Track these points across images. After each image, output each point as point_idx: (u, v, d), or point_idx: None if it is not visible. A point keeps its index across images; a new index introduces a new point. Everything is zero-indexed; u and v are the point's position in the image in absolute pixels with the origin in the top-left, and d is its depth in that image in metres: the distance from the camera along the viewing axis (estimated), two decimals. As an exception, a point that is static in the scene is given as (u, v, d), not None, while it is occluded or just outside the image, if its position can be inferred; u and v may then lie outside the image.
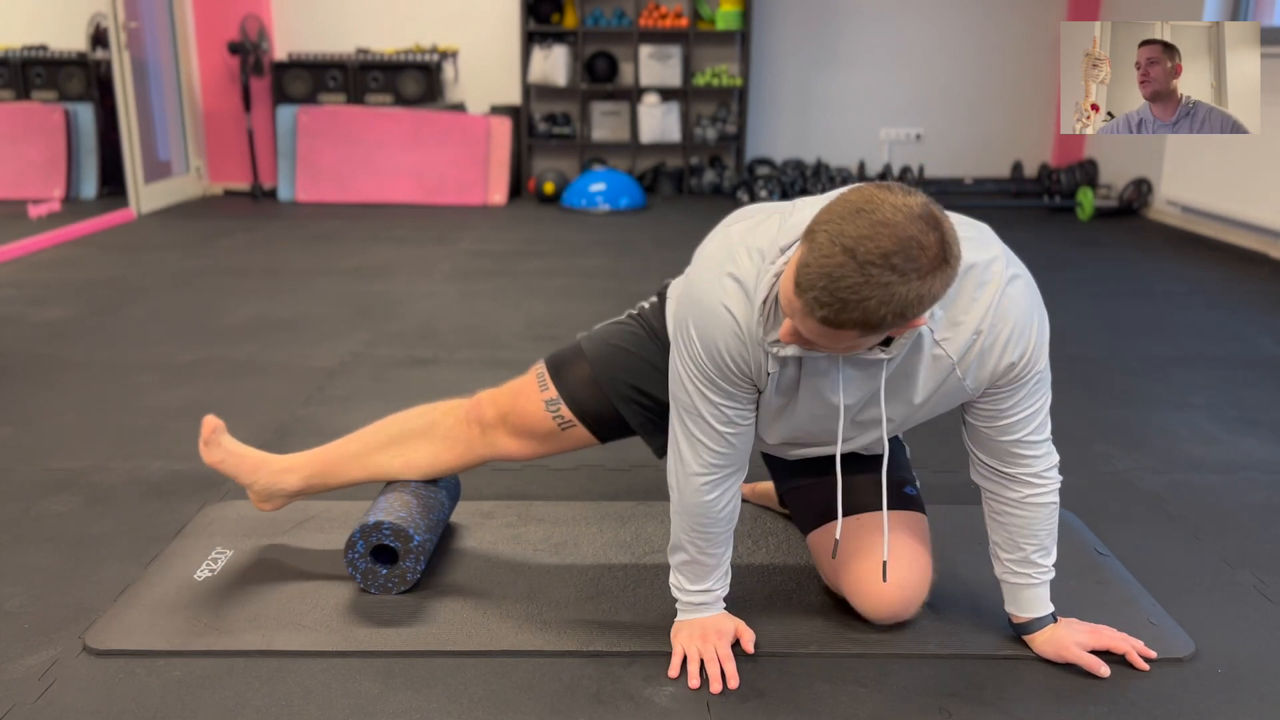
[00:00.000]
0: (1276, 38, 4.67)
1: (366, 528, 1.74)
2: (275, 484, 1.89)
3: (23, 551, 1.94)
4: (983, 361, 1.41)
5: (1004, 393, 1.46)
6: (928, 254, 1.18)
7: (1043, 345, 1.44)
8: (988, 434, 1.51)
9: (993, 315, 1.38)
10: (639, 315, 1.79)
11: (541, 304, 3.89)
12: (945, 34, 6.81)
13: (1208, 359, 3.24)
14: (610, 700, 1.50)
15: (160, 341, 3.36)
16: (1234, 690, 1.53)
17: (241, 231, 5.43)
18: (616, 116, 6.82)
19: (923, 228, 1.18)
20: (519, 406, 1.79)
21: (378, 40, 6.73)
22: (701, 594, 1.61)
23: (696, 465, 1.52)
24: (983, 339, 1.39)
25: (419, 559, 1.77)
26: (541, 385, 1.77)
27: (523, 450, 1.81)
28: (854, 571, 1.65)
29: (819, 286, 1.18)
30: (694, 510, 1.54)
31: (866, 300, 1.18)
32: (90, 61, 5.92)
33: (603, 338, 1.78)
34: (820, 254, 1.18)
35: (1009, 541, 1.57)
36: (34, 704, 1.48)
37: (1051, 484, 1.53)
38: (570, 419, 1.76)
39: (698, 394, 1.47)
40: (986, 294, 1.38)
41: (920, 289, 1.19)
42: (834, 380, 1.45)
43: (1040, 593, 1.58)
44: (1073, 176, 6.43)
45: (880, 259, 1.16)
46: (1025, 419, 1.48)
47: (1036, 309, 1.44)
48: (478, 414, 1.82)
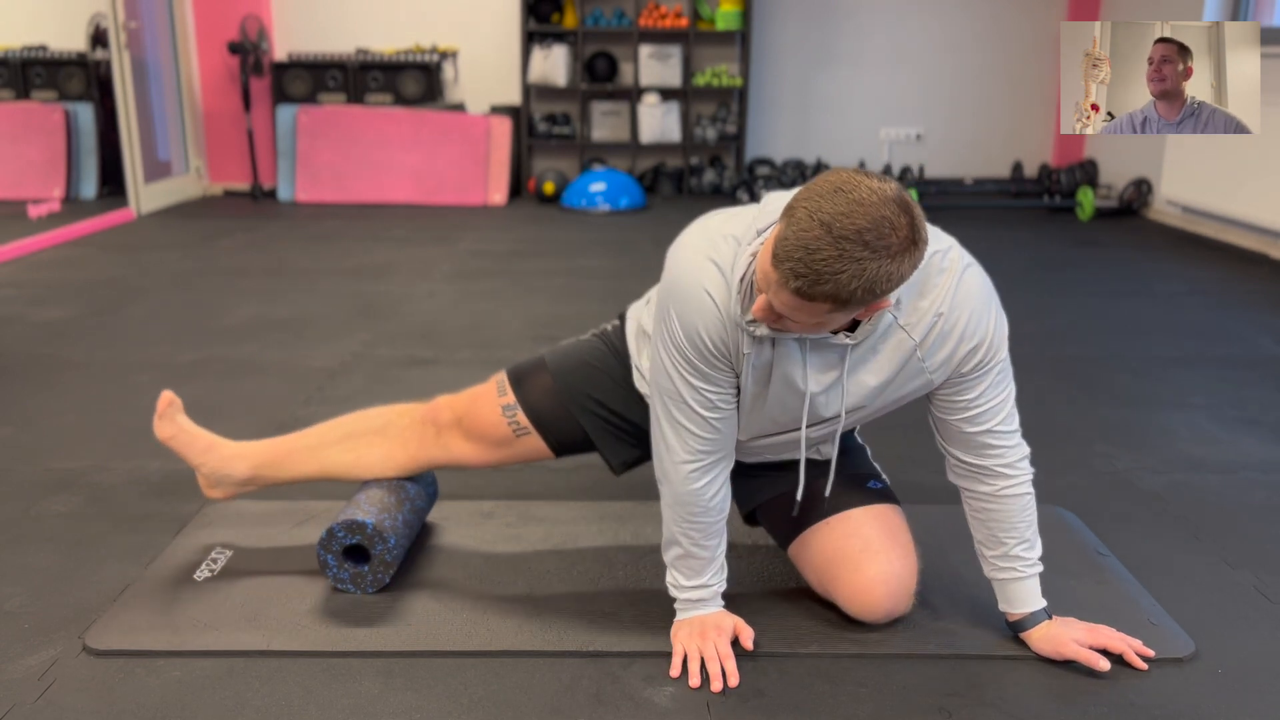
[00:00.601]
0: (1276, 38, 4.67)
1: (323, 541, 1.75)
2: (223, 469, 1.89)
3: (23, 551, 1.94)
4: (942, 343, 1.46)
5: (968, 382, 1.50)
6: (899, 234, 1.24)
7: (1002, 333, 1.50)
8: (958, 427, 1.54)
9: (952, 298, 1.44)
10: (601, 334, 1.83)
11: (541, 304, 3.89)
12: (945, 34, 6.81)
13: (1208, 359, 3.24)
14: (610, 700, 1.50)
15: (160, 341, 3.36)
16: (1234, 690, 1.54)
17: (241, 231, 5.43)
18: (616, 116, 6.82)
19: (895, 210, 1.24)
20: (475, 410, 1.81)
21: (378, 40, 6.73)
22: (699, 590, 1.61)
23: (684, 453, 1.54)
24: (943, 321, 1.44)
25: (386, 538, 1.75)
26: (500, 391, 1.80)
27: (475, 455, 1.83)
28: (839, 577, 1.66)
29: (795, 258, 1.24)
30: (685, 500, 1.56)
31: (839, 273, 1.23)
32: (90, 61, 5.93)
33: (565, 351, 1.82)
34: (799, 228, 1.24)
35: (990, 538, 1.60)
36: (34, 704, 1.48)
37: (1024, 475, 1.57)
38: (526, 426, 1.78)
39: (680, 379, 1.50)
40: (945, 279, 1.44)
41: (889, 267, 1.25)
42: (800, 364, 1.49)
43: (1028, 586, 1.59)
44: (1073, 176, 6.43)
45: (855, 235, 1.22)
46: (993, 409, 1.52)
47: (993, 298, 1.50)
48: (434, 416, 1.84)
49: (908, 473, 2.25)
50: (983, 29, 6.81)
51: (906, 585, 1.65)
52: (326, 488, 2.18)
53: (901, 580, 1.64)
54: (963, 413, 1.53)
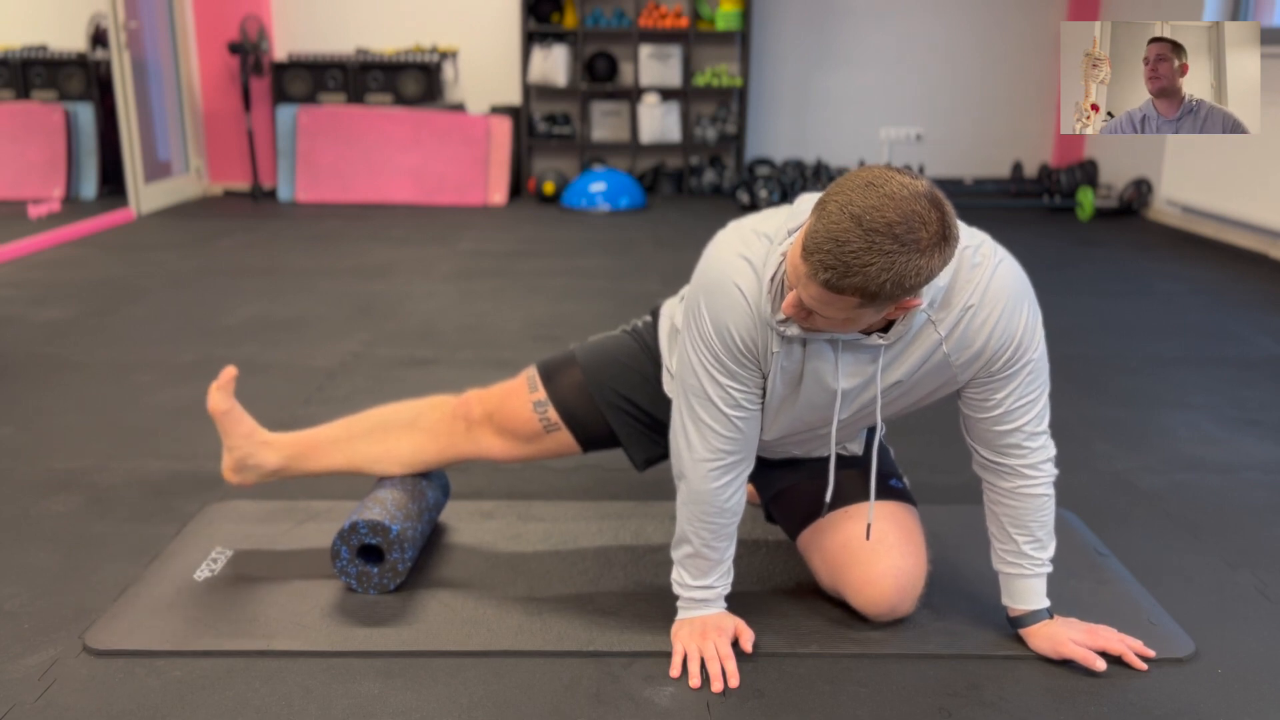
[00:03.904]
0: (1276, 38, 4.67)
1: (344, 532, 1.75)
2: (254, 455, 1.89)
3: (23, 551, 1.94)
4: (969, 338, 1.44)
5: (996, 381, 1.48)
6: (929, 229, 1.23)
7: (1034, 330, 1.47)
8: (985, 425, 1.53)
9: (982, 292, 1.43)
10: (633, 330, 1.83)
11: (541, 304, 3.89)
12: (945, 34, 6.82)
13: (1208, 359, 3.24)
14: (610, 700, 1.50)
15: (160, 341, 3.36)
16: (1234, 690, 1.54)
17: (241, 231, 5.43)
18: (616, 116, 6.82)
19: (926, 205, 1.24)
20: (506, 405, 1.81)
21: (378, 40, 6.73)
22: (703, 590, 1.61)
23: (705, 451, 1.53)
24: (971, 314, 1.43)
25: (404, 548, 1.76)
26: (531, 387, 1.80)
27: (505, 450, 1.83)
28: (849, 567, 1.66)
29: (825, 250, 1.24)
30: (701, 499, 1.55)
31: (868, 266, 1.23)
32: (90, 61, 5.92)
33: (596, 347, 1.81)
34: (829, 220, 1.24)
35: (1002, 531, 1.59)
36: (34, 704, 1.48)
37: (1044, 476, 1.56)
38: (556, 422, 1.78)
39: (706, 376, 1.50)
40: (977, 274, 1.43)
41: (919, 262, 1.24)
42: (832, 365, 1.48)
43: (1033, 584, 1.59)
44: (1073, 176, 6.43)
45: (885, 228, 1.22)
46: (1022, 408, 1.50)
47: (1027, 294, 1.48)
48: (465, 410, 1.84)
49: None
50: (983, 29, 6.81)
51: (915, 584, 1.65)
52: (328, 487, 2.18)
53: (911, 578, 1.64)
54: (991, 412, 1.51)
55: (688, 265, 1.56)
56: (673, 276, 4.27)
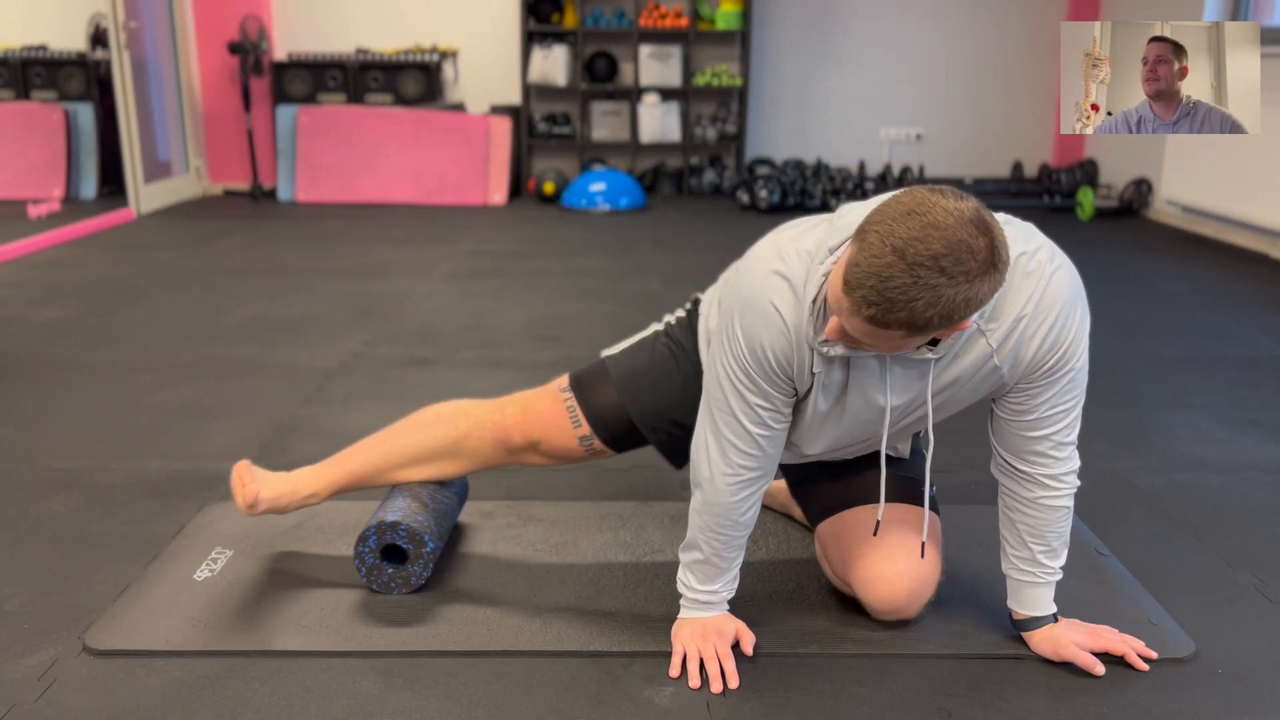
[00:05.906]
0: (1276, 38, 4.67)
1: (383, 525, 1.74)
2: (300, 505, 1.87)
3: (23, 551, 1.94)
4: (1021, 349, 1.41)
5: (1037, 387, 1.45)
6: (977, 258, 1.19)
7: (1081, 339, 1.44)
8: (1015, 431, 1.50)
9: (1036, 301, 1.39)
10: (668, 335, 1.78)
11: (541, 304, 3.89)
12: (945, 34, 6.81)
13: (1208, 359, 3.24)
14: (610, 700, 1.50)
15: (160, 341, 3.36)
16: (1234, 690, 1.54)
17: (241, 231, 5.43)
18: (616, 116, 6.82)
19: (973, 232, 1.19)
20: (552, 437, 1.80)
21: (378, 40, 6.73)
22: (708, 594, 1.61)
23: (725, 466, 1.52)
24: (1024, 324, 1.39)
25: (427, 565, 1.77)
26: (574, 420, 1.77)
27: (545, 465, 1.86)
28: (867, 559, 1.65)
29: (867, 285, 1.20)
30: (716, 510, 1.54)
31: (914, 301, 1.19)
32: (90, 61, 5.92)
33: (630, 364, 1.77)
34: (870, 253, 1.20)
35: (1017, 539, 1.57)
36: (34, 704, 1.48)
37: (1066, 489, 1.53)
38: (601, 449, 1.80)
39: (734, 393, 1.47)
40: (1031, 282, 1.39)
41: (968, 293, 1.20)
42: (881, 381, 1.45)
43: (1043, 592, 1.58)
44: (1073, 176, 6.43)
45: (930, 261, 1.17)
46: (1054, 416, 1.47)
47: (1080, 300, 1.44)
48: (506, 439, 1.82)
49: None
50: (982, 29, 6.81)
51: (926, 590, 1.65)
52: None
53: (925, 583, 1.64)
54: (1023, 417, 1.48)
55: (688, 265, 1.56)
56: (673, 276, 4.28)
